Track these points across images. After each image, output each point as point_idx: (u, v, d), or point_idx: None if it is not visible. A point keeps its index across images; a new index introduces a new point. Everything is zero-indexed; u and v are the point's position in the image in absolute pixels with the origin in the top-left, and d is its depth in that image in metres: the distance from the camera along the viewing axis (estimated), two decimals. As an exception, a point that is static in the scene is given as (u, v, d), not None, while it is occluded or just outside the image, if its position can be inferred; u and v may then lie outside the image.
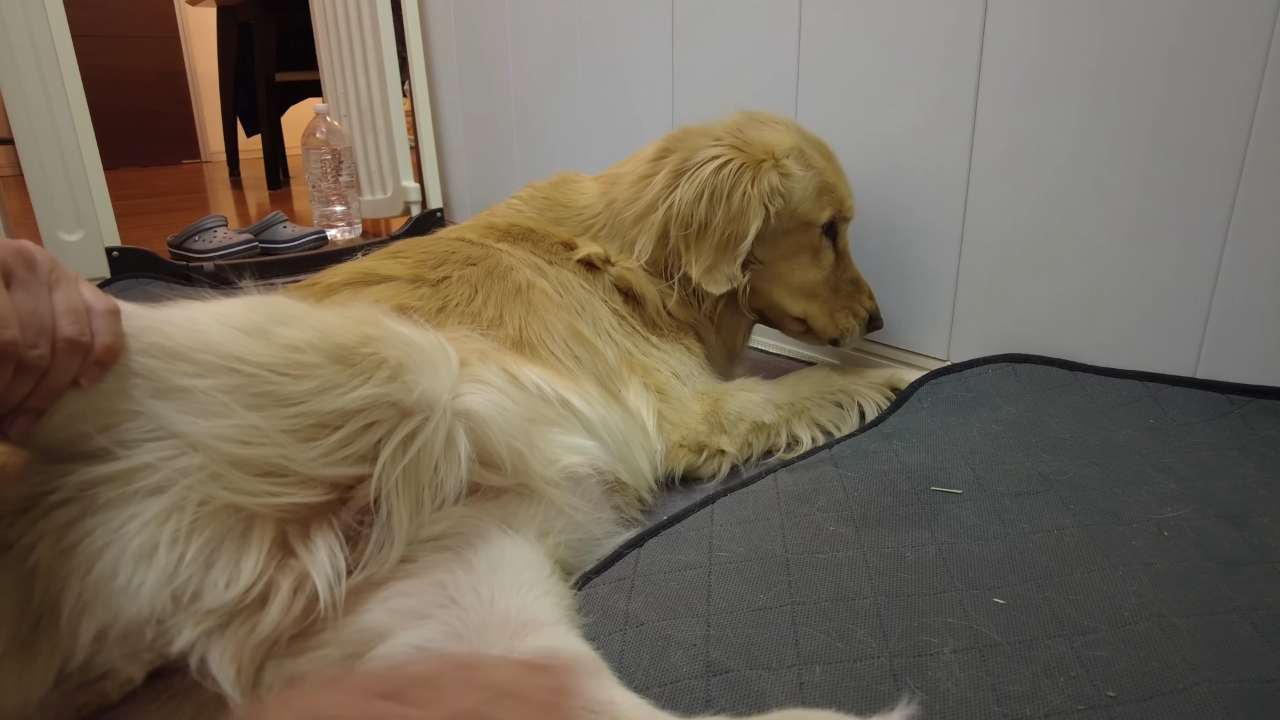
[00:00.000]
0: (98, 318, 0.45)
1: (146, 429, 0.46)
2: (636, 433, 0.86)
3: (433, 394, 0.54)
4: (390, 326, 0.55)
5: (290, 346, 0.49)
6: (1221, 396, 0.92)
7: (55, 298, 0.44)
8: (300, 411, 0.49)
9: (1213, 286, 0.93)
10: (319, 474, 0.50)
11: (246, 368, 0.48)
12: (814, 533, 0.73)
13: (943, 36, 1.09)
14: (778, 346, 1.43)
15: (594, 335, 0.91)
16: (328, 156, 2.23)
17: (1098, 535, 0.70)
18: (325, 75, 2.49)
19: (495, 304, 0.85)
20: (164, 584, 0.44)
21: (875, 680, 0.55)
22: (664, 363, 0.99)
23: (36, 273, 0.43)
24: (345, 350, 0.51)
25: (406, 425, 0.52)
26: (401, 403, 0.52)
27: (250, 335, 0.49)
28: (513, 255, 0.94)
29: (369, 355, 0.52)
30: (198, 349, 0.47)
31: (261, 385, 0.48)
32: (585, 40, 1.70)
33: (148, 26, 4.50)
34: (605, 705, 0.44)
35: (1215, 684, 0.53)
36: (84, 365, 0.45)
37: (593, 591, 0.67)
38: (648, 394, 0.92)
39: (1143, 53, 0.93)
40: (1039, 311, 1.08)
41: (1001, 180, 1.07)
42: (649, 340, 1.00)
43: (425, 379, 0.54)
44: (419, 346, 0.55)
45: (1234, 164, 0.89)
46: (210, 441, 0.46)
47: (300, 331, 0.50)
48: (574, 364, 0.83)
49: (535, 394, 0.74)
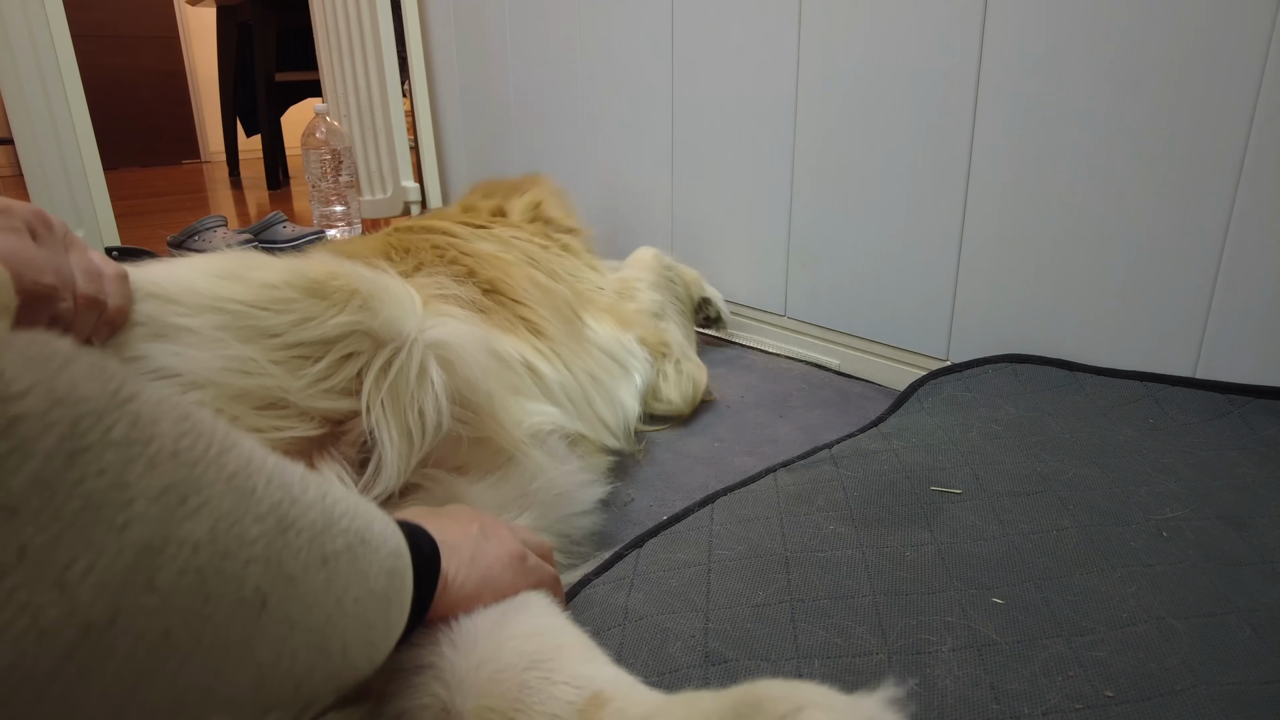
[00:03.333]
0: (109, 280, 0.47)
1: (148, 370, 0.48)
2: (605, 376, 0.97)
3: (402, 323, 0.58)
4: (356, 268, 0.59)
5: (266, 285, 0.53)
6: (1221, 396, 0.92)
7: (71, 258, 0.46)
8: (285, 343, 0.53)
9: (1213, 286, 0.93)
10: (312, 405, 0.54)
11: (231, 305, 0.51)
12: (813, 532, 0.73)
13: (943, 35, 1.09)
14: (778, 347, 1.43)
15: (546, 278, 1.04)
16: (327, 156, 2.23)
17: (1097, 536, 0.70)
18: (325, 75, 2.49)
19: (464, 262, 0.93)
20: None
21: (873, 676, 0.55)
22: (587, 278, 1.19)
23: (54, 234, 0.45)
24: (317, 284, 0.55)
25: (382, 354, 0.57)
26: (375, 332, 0.57)
27: (228, 279, 0.53)
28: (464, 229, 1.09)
29: (339, 288, 0.56)
30: (184, 293, 0.51)
31: (246, 320, 0.51)
32: (585, 40, 1.70)
33: (148, 26, 4.50)
34: (586, 680, 0.45)
35: (1213, 685, 0.53)
36: (98, 324, 0.47)
37: (592, 591, 0.68)
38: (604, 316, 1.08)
39: (1143, 53, 0.93)
40: (1039, 311, 1.08)
41: (1001, 180, 1.07)
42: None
43: (393, 309, 0.58)
44: (384, 284, 0.59)
45: (1234, 164, 0.89)
46: (214, 375, 0.49)
47: (274, 272, 0.55)
48: (538, 301, 0.93)
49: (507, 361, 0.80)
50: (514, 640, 0.47)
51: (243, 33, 3.40)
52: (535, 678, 0.44)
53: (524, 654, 0.46)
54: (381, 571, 0.39)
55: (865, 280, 1.27)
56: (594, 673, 0.45)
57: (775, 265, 1.40)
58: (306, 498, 0.34)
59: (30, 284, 0.41)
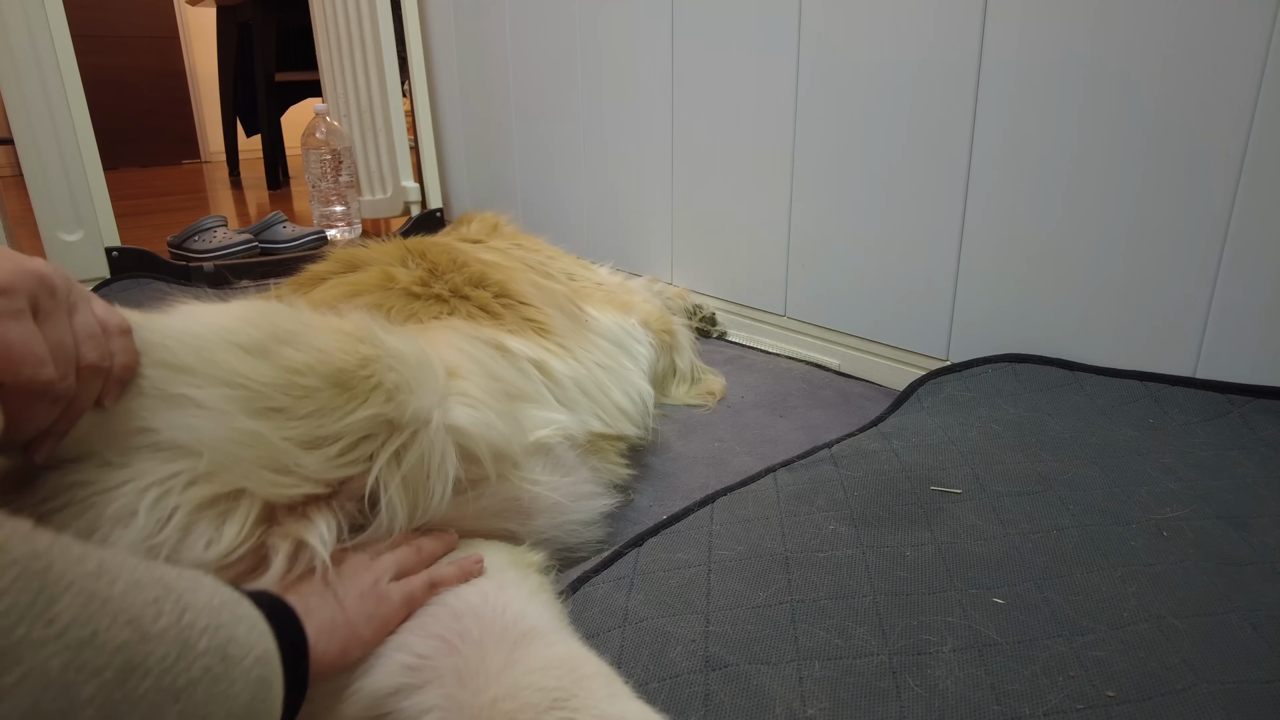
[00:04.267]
0: (114, 338, 0.46)
1: (151, 442, 0.47)
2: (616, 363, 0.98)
3: (424, 411, 0.56)
4: (385, 341, 0.57)
5: (291, 369, 0.51)
6: (1221, 396, 0.92)
7: (75, 322, 0.45)
8: (300, 429, 0.51)
9: (1213, 286, 0.93)
10: (321, 477, 0.52)
11: (251, 384, 0.49)
12: (813, 532, 0.73)
13: (943, 36, 1.09)
14: (778, 347, 1.43)
15: (544, 279, 1.08)
16: (327, 156, 2.23)
17: (1097, 535, 0.70)
18: (325, 75, 2.49)
19: (475, 266, 0.94)
20: (139, 544, 0.46)
21: (874, 677, 0.55)
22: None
23: (57, 299, 0.44)
24: (343, 374, 0.53)
25: (399, 437, 0.55)
26: (395, 420, 0.55)
27: (253, 355, 0.50)
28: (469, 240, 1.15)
29: (366, 378, 0.53)
30: (202, 365, 0.49)
31: (262, 401, 0.49)
32: (585, 40, 1.70)
33: (148, 26, 4.49)
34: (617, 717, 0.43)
35: (1214, 685, 0.53)
36: (106, 386, 0.46)
37: (592, 590, 0.68)
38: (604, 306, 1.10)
39: (1143, 53, 0.93)
40: (1039, 311, 1.08)
41: (1001, 180, 1.07)
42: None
43: (417, 398, 0.56)
44: (411, 364, 0.57)
45: (1234, 164, 0.89)
46: (214, 443, 0.47)
47: (300, 353, 0.52)
48: (542, 301, 0.95)
49: (518, 362, 0.79)
50: (530, 675, 0.45)
51: (243, 33, 3.40)
52: (559, 719, 0.43)
53: (543, 691, 0.44)
54: (246, 686, 0.36)
55: (865, 280, 1.27)
56: (622, 712, 0.44)
57: (775, 265, 1.40)
58: (158, 626, 0.31)
59: (28, 381, 0.40)
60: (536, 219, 1.99)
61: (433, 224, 2.25)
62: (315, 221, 2.29)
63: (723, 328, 1.50)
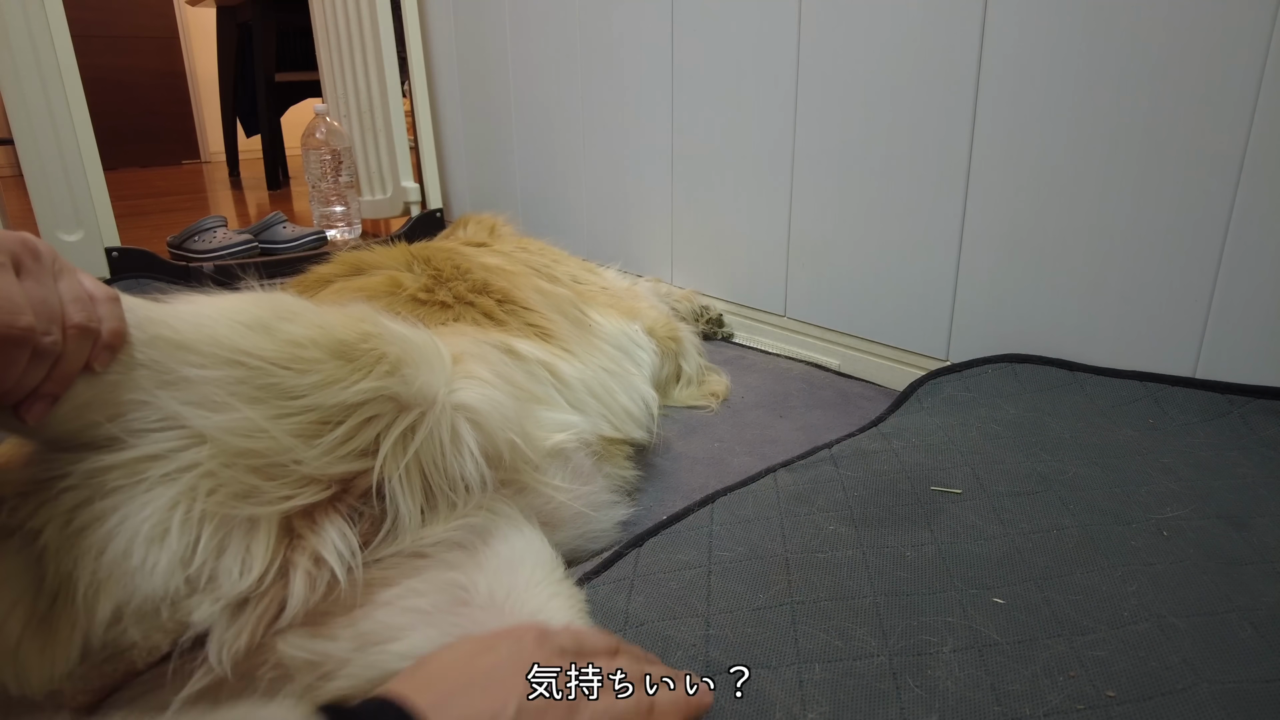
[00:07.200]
0: (101, 305, 0.47)
1: (154, 418, 0.47)
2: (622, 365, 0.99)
3: (430, 388, 0.56)
4: (387, 324, 0.57)
5: (293, 342, 0.51)
6: (1221, 396, 0.92)
7: (61, 286, 0.45)
8: (303, 405, 0.50)
9: (1213, 286, 0.93)
10: (325, 472, 0.51)
11: (251, 360, 0.49)
12: (813, 532, 0.73)
13: (942, 36, 1.09)
14: (778, 347, 1.43)
15: (549, 284, 1.08)
16: (327, 157, 2.23)
17: (1097, 535, 0.70)
18: (325, 75, 2.49)
19: (479, 273, 0.94)
20: (178, 566, 0.45)
21: (875, 679, 0.55)
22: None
23: (42, 263, 0.45)
24: (345, 346, 0.53)
25: (405, 419, 0.54)
26: (400, 396, 0.54)
27: (254, 330, 0.50)
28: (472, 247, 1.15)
29: (368, 350, 0.53)
30: (203, 342, 0.49)
31: (265, 378, 0.49)
32: (585, 40, 1.70)
33: (148, 27, 4.49)
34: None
35: (1214, 684, 0.53)
36: (94, 350, 0.46)
37: (593, 592, 0.67)
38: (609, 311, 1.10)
39: (1143, 52, 0.93)
40: (1039, 311, 1.08)
41: (1001, 180, 1.07)
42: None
43: (422, 373, 0.56)
44: (415, 343, 0.57)
45: (1234, 164, 0.89)
46: (217, 434, 0.47)
47: (303, 328, 0.52)
48: (545, 307, 0.95)
49: (528, 365, 0.79)
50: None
51: (243, 33, 3.40)
52: None
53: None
54: None
55: (865, 280, 1.27)
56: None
57: (775, 265, 1.40)
58: None
59: (4, 327, 0.40)
60: (536, 219, 1.98)
61: (432, 224, 2.25)
62: (315, 222, 2.29)
63: (730, 329, 1.50)
